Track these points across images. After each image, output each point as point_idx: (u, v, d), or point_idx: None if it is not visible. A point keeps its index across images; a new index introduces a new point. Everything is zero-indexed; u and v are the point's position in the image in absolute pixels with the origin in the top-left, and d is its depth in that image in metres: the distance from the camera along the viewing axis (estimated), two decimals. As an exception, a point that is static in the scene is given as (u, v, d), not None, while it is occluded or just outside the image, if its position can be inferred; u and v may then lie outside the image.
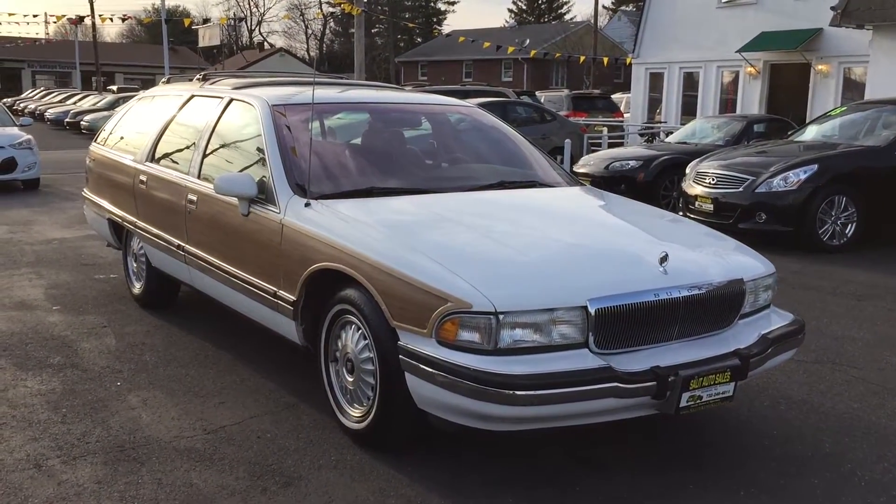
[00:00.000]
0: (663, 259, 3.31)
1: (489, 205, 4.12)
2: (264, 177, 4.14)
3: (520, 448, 3.56)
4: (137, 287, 5.78)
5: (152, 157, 5.36)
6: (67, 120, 28.71)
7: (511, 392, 2.93)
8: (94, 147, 6.43)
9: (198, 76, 5.69)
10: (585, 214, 4.28)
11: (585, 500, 3.17)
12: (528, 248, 3.46)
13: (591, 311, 3.08)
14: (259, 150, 4.31)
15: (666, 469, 3.43)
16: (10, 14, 49.66)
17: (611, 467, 3.45)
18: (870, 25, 13.97)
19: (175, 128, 5.33)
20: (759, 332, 3.53)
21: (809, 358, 4.86)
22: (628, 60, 23.41)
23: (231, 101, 4.83)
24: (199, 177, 4.72)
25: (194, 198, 4.68)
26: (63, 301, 5.95)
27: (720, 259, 3.64)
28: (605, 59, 27.83)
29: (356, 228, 3.61)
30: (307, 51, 73.93)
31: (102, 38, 65.02)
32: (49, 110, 32.82)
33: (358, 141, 5.03)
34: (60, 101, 35.74)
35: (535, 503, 3.14)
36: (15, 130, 13.22)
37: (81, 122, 26.31)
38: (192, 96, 5.34)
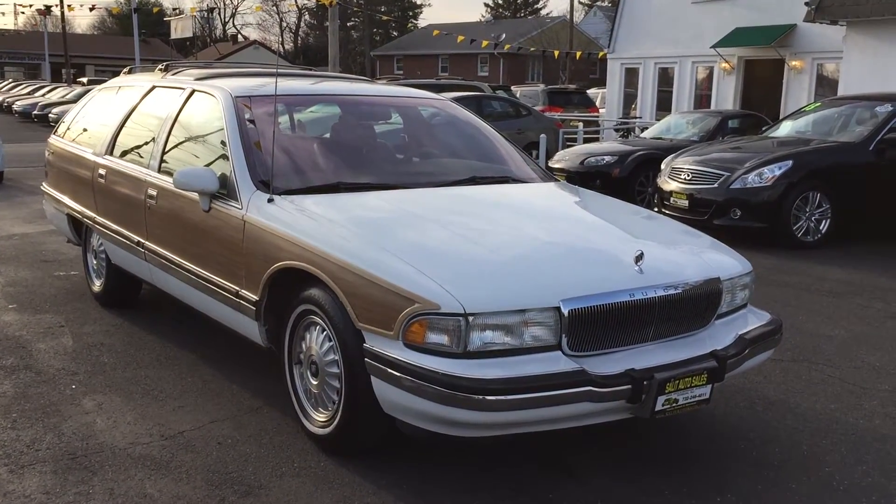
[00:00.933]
0: (639, 258, 3.20)
1: (460, 201, 3.99)
2: (226, 171, 3.98)
3: (491, 454, 3.44)
4: (97, 285, 5.59)
5: (111, 151, 5.17)
6: (35, 112, 28.18)
7: (481, 397, 2.80)
8: (53, 139, 6.22)
9: (160, 66, 5.50)
10: (559, 211, 4.16)
11: (558, 507, 3.06)
12: (499, 246, 3.33)
13: (565, 311, 2.96)
14: (222, 143, 4.15)
15: (641, 474, 3.33)
16: (-24, 4, 48.72)
17: (585, 473, 3.33)
18: (843, 21, 14.01)
19: (135, 120, 5.14)
20: (736, 332, 3.43)
21: (786, 356, 4.79)
22: (601, 54, 23.37)
23: (193, 92, 4.66)
24: (159, 171, 4.55)
25: (154, 192, 4.51)
26: (20, 299, 5.74)
27: (696, 258, 3.54)
28: (579, 53, 27.79)
29: (321, 225, 3.46)
30: (281, 43, 73.29)
31: (73, 29, 64.16)
32: (17, 102, 32.21)
33: (326, 134, 4.87)
34: (29, 93, 35.10)
35: (506, 511, 3.02)
36: (-23, 122, 12.88)
37: (50, 115, 25.84)
38: (154, 87, 5.15)
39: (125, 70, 6.19)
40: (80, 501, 3.02)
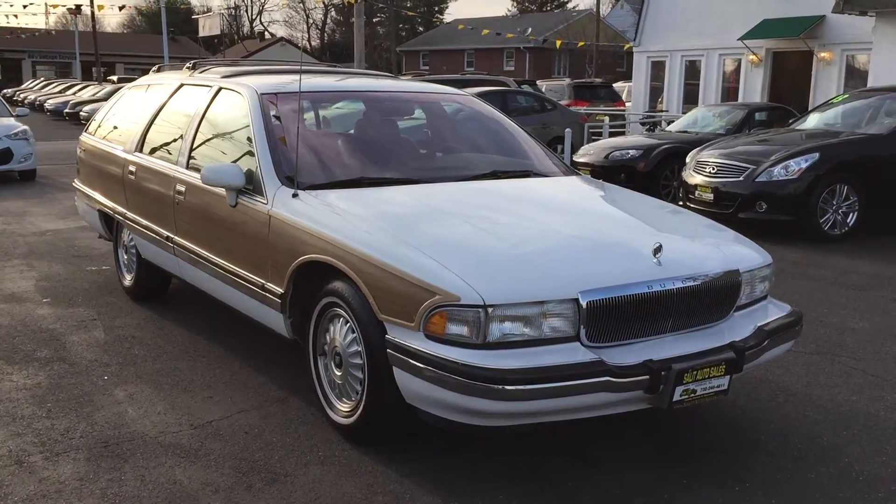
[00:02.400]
0: (657, 250, 3.23)
1: (481, 195, 4.04)
2: (252, 167, 4.06)
3: (511, 443, 3.50)
4: (128, 279, 5.71)
5: (141, 148, 5.29)
6: (67, 110, 28.60)
7: (500, 387, 2.86)
8: (84, 137, 6.35)
9: (188, 64, 5.60)
10: (579, 205, 4.20)
11: (578, 496, 3.11)
12: (518, 239, 3.38)
13: (583, 303, 3.01)
14: (248, 139, 4.23)
15: (660, 464, 3.37)
16: (10, 5, 49.38)
17: (604, 463, 3.38)
18: (872, 12, 13.83)
19: (164, 117, 5.25)
20: (755, 323, 3.45)
21: (808, 349, 4.79)
22: (626, 47, 23.24)
23: (220, 89, 4.75)
24: (187, 167, 4.65)
25: (182, 188, 4.61)
26: (53, 293, 5.89)
27: (716, 250, 3.56)
28: (603, 43, 27.62)
29: (344, 219, 3.53)
30: (308, 40, 73.67)
31: (103, 28, 64.87)
32: (49, 101, 32.71)
33: (350, 130, 4.94)
34: (60, 92, 35.62)
35: (526, 499, 3.07)
36: (11, 121, 13.14)
37: (81, 113, 26.19)
38: (182, 85, 5.26)
39: (154, 69, 6.31)
40: (112, 487, 3.12)
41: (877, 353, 4.80)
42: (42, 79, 47.17)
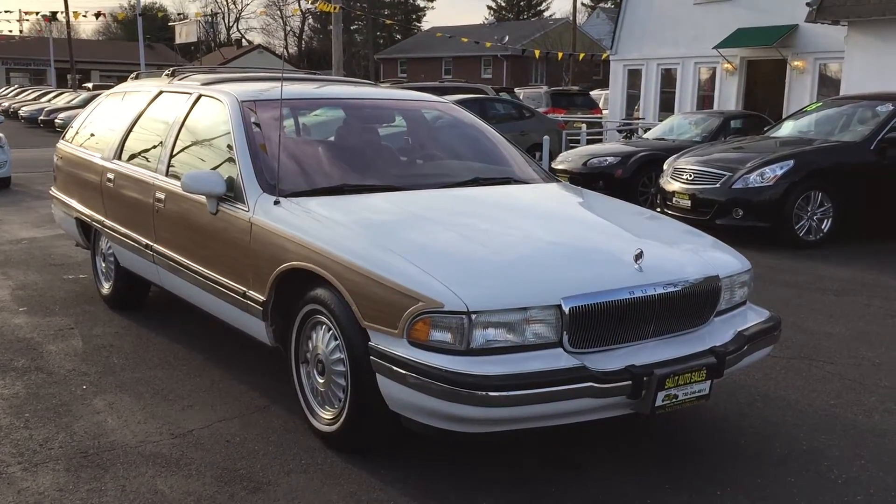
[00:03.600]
0: (638, 256, 3.26)
1: (463, 202, 4.05)
2: (233, 174, 4.05)
3: (494, 450, 3.50)
4: (106, 287, 5.66)
5: (120, 155, 5.25)
6: (41, 118, 28.33)
7: (484, 393, 2.86)
8: (61, 144, 6.30)
9: (167, 71, 5.57)
10: (560, 211, 4.22)
11: (561, 501, 3.11)
12: (501, 246, 3.40)
13: (566, 309, 3.03)
14: (228, 146, 4.22)
15: (642, 469, 3.38)
16: (-18, 11, 48.75)
17: (587, 468, 3.39)
18: (845, 21, 14.05)
19: (143, 124, 5.22)
20: (735, 329, 3.49)
21: (786, 354, 4.84)
22: (604, 56, 23.43)
23: (200, 96, 4.73)
24: (166, 174, 4.62)
25: (162, 196, 4.58)
26: (30, 302, 5.82)
27: (696, 256, 3.59)
28: (581, 55, 27.88)
29: (326, 227, 3.53)
30: (286, 47, 73.46)
31: (78, 34, 64.34)
32: (23, 108, 32.38)
33: (331, 137, 4.94)
34: (34, 99, 35.27)
35: (510, 506, 3.08)
36: (-15, 128, 12.98)
37: (56, 120, 25.97)
38: (161, 92, 5.23)
39: (132, 76, 6.27)
40: (92, 498, 3.09)
41: (853, 357, 4.86)
42: (16, 86, 46.67)
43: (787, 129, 9.88)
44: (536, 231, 3.65)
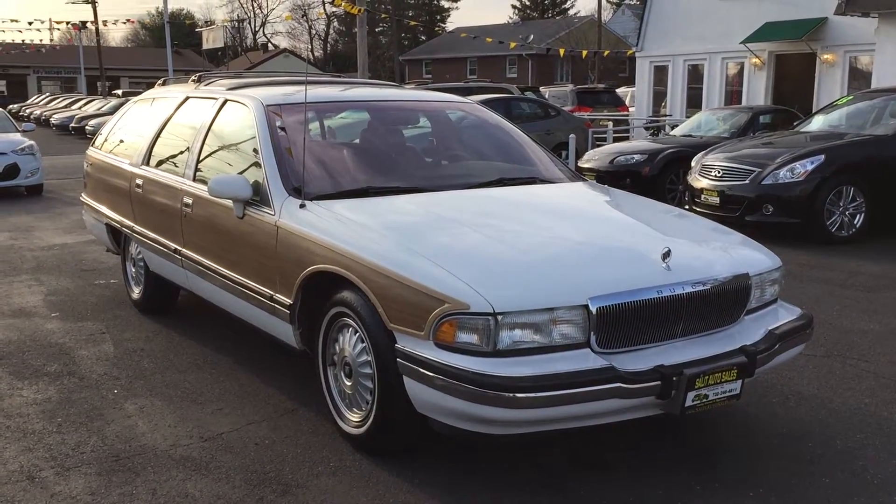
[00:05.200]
0: (666, 255, 3.22)
1: (488, 202, 4.03)
2: (259, 178, 4.07)
3: (522, 451, 3.49)
4: (136, 292, 5.72)
5: (148, 161, 5.30)
6: (72, 125, 28.71)
7: (511, 395, 2.85)
8: (91, 151, 6.38)
9: (193, 77, 5.62)
10: (586, 211, 4.19)
11: (590, 503, 3.09)
12: (526, 246, 3.38)
13: (593, 309, 3.00)
14: (254, 151, 4.24)
15: (671, 470, 3.35)
16: (13, 20, 49.50)
17: (615, 470, 3.36)
18: (875, 13, 13.83)
19: (170, 130, 5.27)
20: (766, 327, 3.44)
21: (819, 352, 4.77)
22: (630, 52, 23.27)
23: (226, 101, 4.77)
24: (194, 179, 4.66)
25: (189, 201, 4.61)
26: (62, 307, 5.90)
27: (725, 254, 3.55)
28: (606, 52, 27.71)
29: (352, 229, 3.53)
30: (311, 51, 73.85)
31: (107, 42, 65.20)
32: (54, 115, 32.83)
33: (356, 140, 4.95)
34: (65, 107, 35.76)
35: (539, 508, 3.06)
36: (17, 136, 13.18)
37: (86, 127, 26.30)
38: (188, 98, 5.27)
39: (159, 82, 6.33)
40: (124, 501, 3.11)
41: (887, 354, 4.78)
42: (47, 94, 47.36)
43: (817, 123, 9.75)
44: (562, 231, 3.62)
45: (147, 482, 3.26)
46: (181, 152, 4.95)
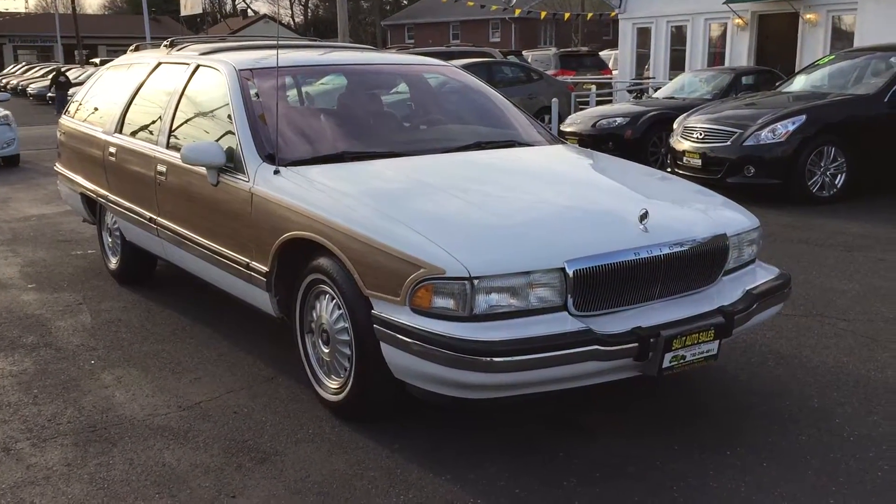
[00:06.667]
0: (643, 217, 3.20)
1: (465, 167, 3.99)
2: (233, 144, 4.00)
3: (500, 415, 3.49)
4: (113, 262, 5.66)
5: (121, 128, 5.21)
6: (49, 94, 28.26)
7: (488, 359, 2.83)
8: (63, 119, 6.27)
9: (165, 42, 5.51)
10: (564, 173, 4.16)
11: (570, 465, 3.10)
12: (502, 209, 3.35)
13: (569, 272, 2.98)
14: (228, 116, 4.16)
15: (651, 431, 3.36)
16: (-13, -12, 48.68)
17: (595, 432, 3.37)
18: (858, -28, 13.73)
19: (143, 97, 5.17)
20: (743, 287, 3.43)
21: (798, 311, 4.78)
22: (612, 14, 23.09)
23: (198, 67, 4.67)
24: (167, 147, 4.58)
25: (163, 169, 4.54)
26: (38, 279, 5.83)
27: (702, 215, 3.53)
28: (589, 15, 27.50)
29: (326, 195, 3.49)
30: (292, 16, 72.91)
31: (83, 9, 64.14)
32: (31, 85, 32.34)
33: (332, 105, 4.88)
34: (42, 76, 35.20)
35: (518, 471, 3.06)
36: (-8, 106, 12.97)
37: (68, 97, 25.91)
38: (160, 63, 5.17)
39: (132, 48, 6.20)
40: (101, 472, 3.09)
41: (866, 313, 4.80)
42: (24, 63, 46.60)
43: (799, 83, 9.71)
44: (539, 194, 3.59)
45: (124, 452, 3.24)
46: (154, 119, 4.86)
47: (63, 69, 28.00)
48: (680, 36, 21.14)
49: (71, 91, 25.34)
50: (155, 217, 4.68)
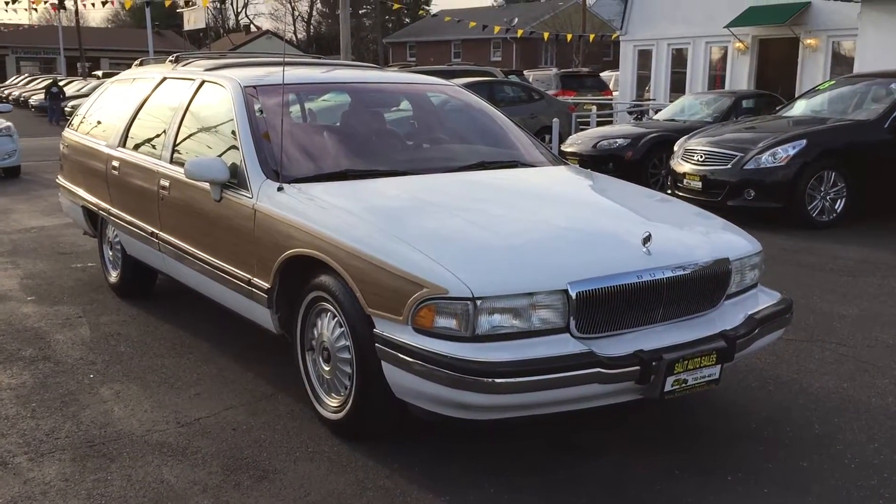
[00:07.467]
0: (646, 239, 3.21)
1: (468, 186, 4.00)
2: (237, 160, 4.01)
3: (502, 436, 3.47)
4: (114, 276, 5.65)
5: (124, 142, 5.22)
6: (42, 103, 28.32)
7: (490, 380, 2.83)
8: (67, 132, 6.28)
9: (171, 58, 5.53)
10: (567, 195, 4.17)
11: (569, 487, 3.08)
12: (506, 230, 3.35)
13: (572, 294, 2.98)
14: (232, 132, 4.18)
15: (651, 454, 3.35)
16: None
17: (595, 454, 3.36)
18: (858, -2, 13.84)
19: (147, 111, 5.18)
20: (745, 312, 3.43)
21: (799, 336, 4.78)
22: (613, 36, 23.22)
23: (203, 82, 4.69)
24: (171, 161, 4.59)
25: (166, 183, 4.55)
26: (38, 291, 5.82)
27: (705, 238, 3.54)
28: (591, 36, 27.65)
29: (330, 213, 3.49)
30: (294, 33, 73.31)
31: (87, 22, 64.42)
32: (33, 97, 32.42)
33: (336, 122, 4.89)
34: (44, 88, 35.28)
35: (518, 492, 3.05)
36: (-7, 118, 12.99)
37: (65, 109, 25.96)
38: (165, 79, 5.19)
39: (136, 62, 6.25)
40: (98, 488, 3.07)
41: (866, 339, 4.80)
42: (26, 75, 46.73)
43: (799, 108, 9.75)
44: (543, 215, 3.59)
45: (122, 468, 3.22)
46: (158, 134, 4.87)
47: (59, 80, 28.17)
48: (681, 58, 21.26)
49: (65, 103, 25.51)
50: (157, 231, 4.68)
